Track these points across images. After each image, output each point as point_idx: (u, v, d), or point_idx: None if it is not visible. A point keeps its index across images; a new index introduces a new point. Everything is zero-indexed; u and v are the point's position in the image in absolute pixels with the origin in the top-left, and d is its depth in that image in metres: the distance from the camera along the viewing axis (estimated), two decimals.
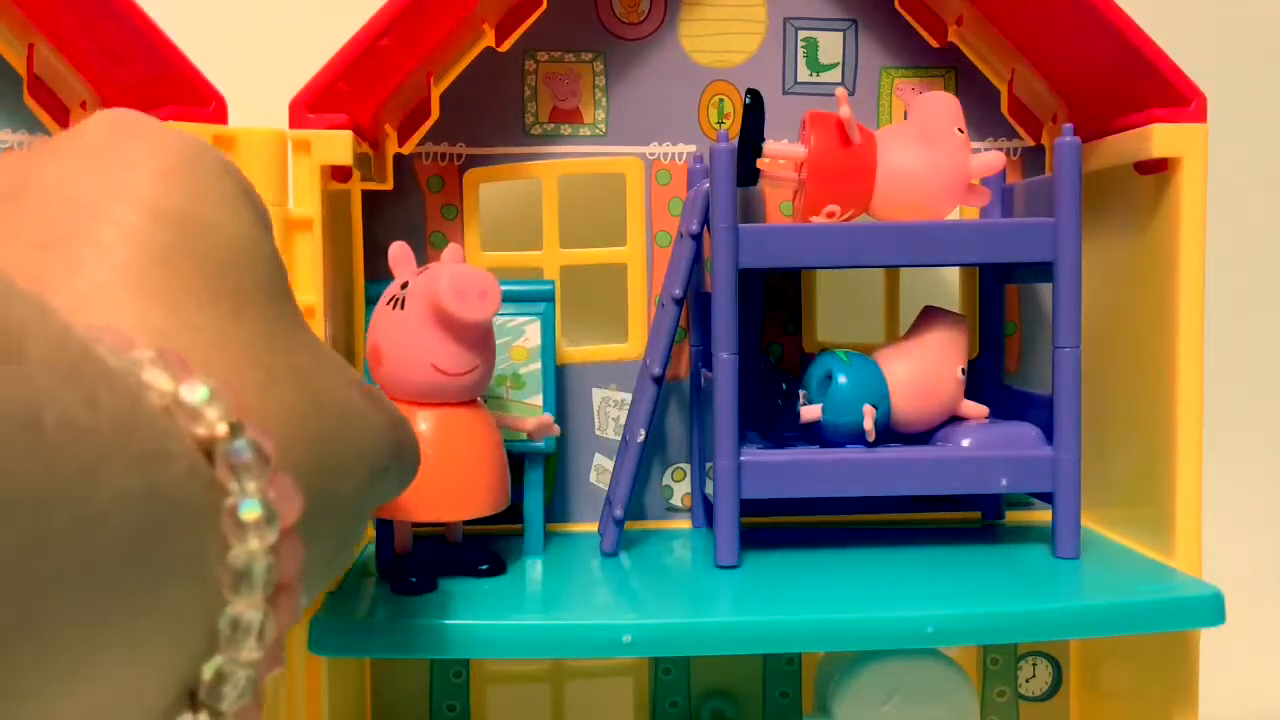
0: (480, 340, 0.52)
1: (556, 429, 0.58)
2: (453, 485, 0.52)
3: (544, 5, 0.61)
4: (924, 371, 0.58)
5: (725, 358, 0.54)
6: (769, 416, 0.59)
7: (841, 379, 0.56)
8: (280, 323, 0.31)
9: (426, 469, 0.52)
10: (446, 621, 0.49)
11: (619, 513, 0.58)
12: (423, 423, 0.52)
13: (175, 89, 0.52)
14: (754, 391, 0.59)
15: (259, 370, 0.29)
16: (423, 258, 0.62)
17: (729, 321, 0.54)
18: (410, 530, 0.55)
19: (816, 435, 0.57)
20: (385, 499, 0.37)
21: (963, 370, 0.58)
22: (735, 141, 0.55)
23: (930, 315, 0.60)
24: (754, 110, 0.57)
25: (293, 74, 0.54)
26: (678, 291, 0.57)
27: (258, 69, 0.62)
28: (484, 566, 0.55)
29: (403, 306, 0.52)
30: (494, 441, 0.54)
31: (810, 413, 0.56)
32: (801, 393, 0.57)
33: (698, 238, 0.57)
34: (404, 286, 0.53)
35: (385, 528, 0.57)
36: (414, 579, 0.52)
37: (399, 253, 0.55)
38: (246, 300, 0.30)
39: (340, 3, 0.58)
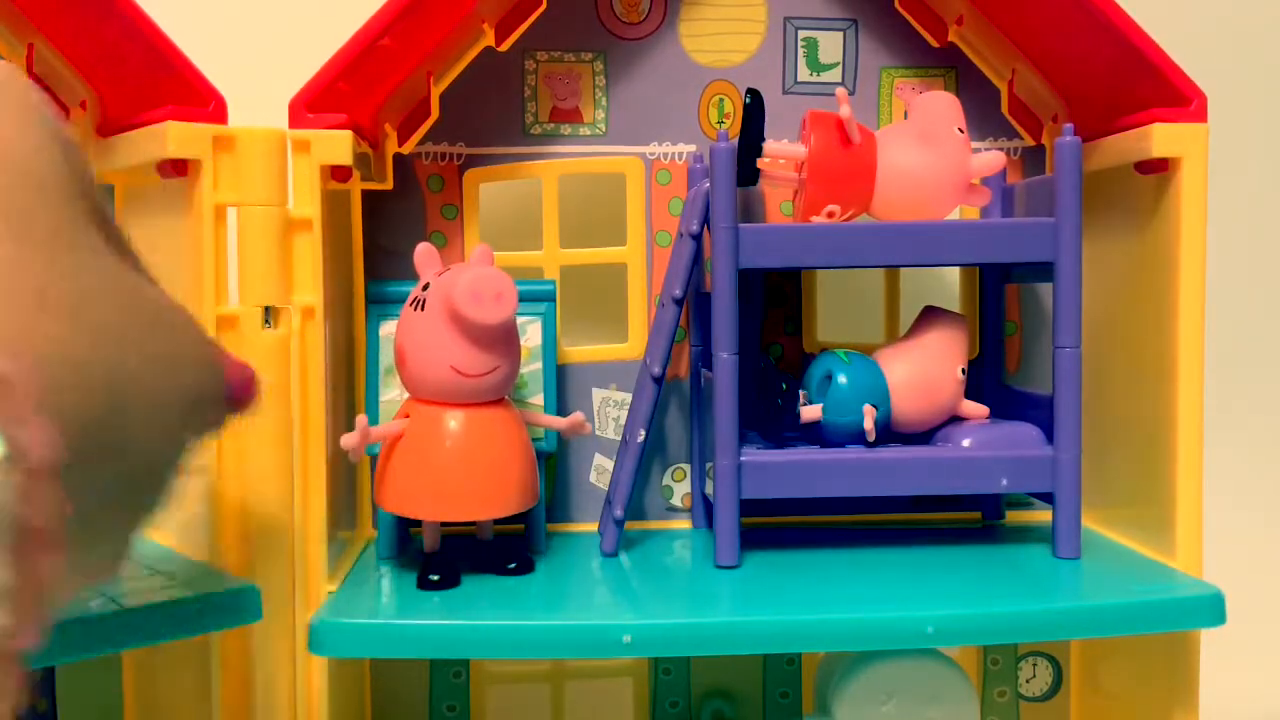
0: (501, 341, 0.52)
1: (589, 428, 0.58)
2: (480, 484, 0.53)
3: (544, 5, 0.61)
4: (924, 371, 0.58)
5: (725, 358, 0.54)
6: (769, 416, 0.58)
7: (841, 379, 0.56)
8: (80, 249, 0.29)
9: (453, 468, 0.52)
10: (446, 622, 0.49)
11: (619, 513, 0.58)
12: (450, 422, 0.52)
13: (175, 89, 0.52)
14: (754, 391, 0.59)
15: (29, 295, 0.26)
16: None
17: (729, 321, 0.54)
18: (439, 529, 0.55)
19: (817, 435, 0.57)
20: (196, 448, 0.34)
21: (963, 370, 0.58)
22: (735, 141, 0.55)
23: (930, 315, 0.60)
24: (754, 110, 0.57)
25: (293, 74, 0.54)
26: (678, 291, 0.57)
27: (258, 69, 0.62)
28: (512, 565, 0.55)
29: (423, 308, 0.52)
30: (521, 440, 0.54)
31: (810, 413, 0.56)
32: (802, 393, 0.57)
33: (698, 238, 0.57)
34: (425, 288, 0.53)
35: (388, 519, 0.57)
36: (434, 576, 0.53)
37: (424, 253, 0.55)
38: (35, 221, 0.28)
39: (340, 3, 0.58)
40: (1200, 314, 0.54)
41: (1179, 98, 0.54)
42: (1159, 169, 0.55)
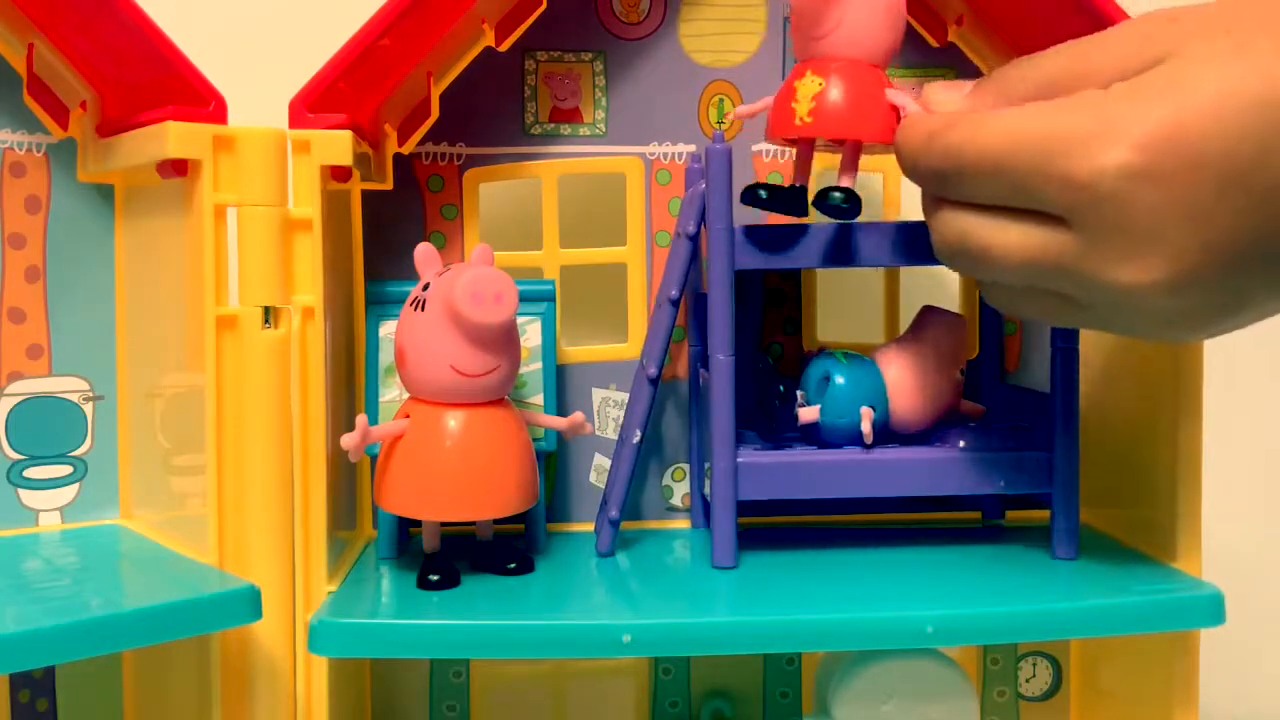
0: (500, 341, 0.52)
1: (589, 428, 0.58)
2: (480, 484, 0.53)
3: (544, 5, 0.61)
4: (923, 371, 0.58)
5: (722, 360, 0.54)
6: (768, 417, 0.58)
7: (839, 380, 0.56)
8: None
9: (453, 468, 0.52)
10: (446, 621, 0.49)
11: (614, 514, 0.58)
12: (450, 422, 0.52)
13: (175, 89, 0.52)
14: (752, 392, 0.59)
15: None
16: None
17: (725, 324, 0.54)
18: (438, 530, 0.55)
19: (815, 436, 0.57)
20: None
21: (961, 370, 0.58)
22: (729, 144, 0.55)
23: (929, 315, 0.60)
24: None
25: (293, 74, 0.54)
26: (674, 292, 0.57)
27: (258, 69, 0.62)
28: (512, 565, 0.55)
29: (423, 308, 0.52)
30: (521, 440, 0.54)
31: (808, 414, 0.56)
32: (800, 394, 0.57)
33: (694, 238, 0.57)
34: (425, 288, 0.53)
35: (388, 519, 0.57)
36: (434, 576, 0.53)
37: (424, 253, 0.55)
38: None
39: (340, 3, 0.58)
40: None
41: None
42: None
